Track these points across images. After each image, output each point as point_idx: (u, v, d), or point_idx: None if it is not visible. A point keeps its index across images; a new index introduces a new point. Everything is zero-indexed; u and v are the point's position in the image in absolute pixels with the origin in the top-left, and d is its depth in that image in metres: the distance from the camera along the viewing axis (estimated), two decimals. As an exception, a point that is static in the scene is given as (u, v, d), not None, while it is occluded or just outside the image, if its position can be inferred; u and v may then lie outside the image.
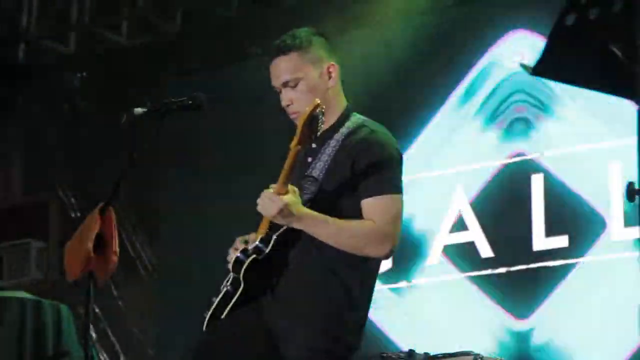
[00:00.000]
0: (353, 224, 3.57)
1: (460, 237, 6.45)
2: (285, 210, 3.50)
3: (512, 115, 6.43)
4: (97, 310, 7.39)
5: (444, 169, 6.58)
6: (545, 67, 2.40)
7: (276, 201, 3.49)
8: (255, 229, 3.67)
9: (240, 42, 7.46)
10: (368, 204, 3.58)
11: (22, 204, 8.46)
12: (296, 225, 3.55)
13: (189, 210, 7.52)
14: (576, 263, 6.06)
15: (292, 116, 3.70)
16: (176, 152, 7.62)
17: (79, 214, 8.07)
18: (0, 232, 8.27)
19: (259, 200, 3.55)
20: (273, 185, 3.56)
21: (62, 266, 4.30)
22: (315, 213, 3.55)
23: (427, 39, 6.71)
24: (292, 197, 3.52)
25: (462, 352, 5.20)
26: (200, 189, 7.46)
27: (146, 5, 7.53)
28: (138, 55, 7.73)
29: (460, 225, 6.46)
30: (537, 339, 6.12)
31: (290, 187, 3.55)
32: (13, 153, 8.55)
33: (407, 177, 3.73)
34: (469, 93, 6.58)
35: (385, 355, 5.35)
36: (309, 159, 3.67)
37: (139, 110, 3.95)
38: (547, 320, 6.10)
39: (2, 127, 8.33)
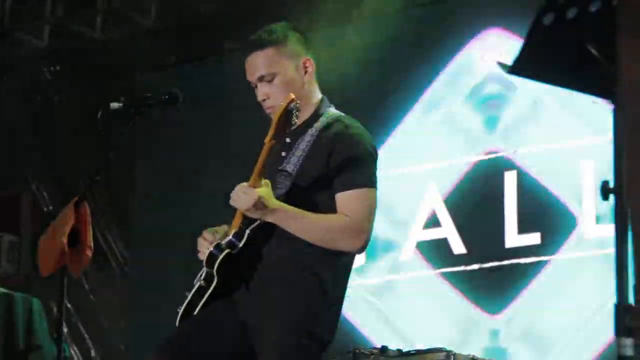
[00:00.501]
0: (326, 217, 3.58)
1: (434, 234, 6.48)
2: (258, 203, 3.49)
3: (486, 113, 6.46)
4: (68, 304, 7.37)
5: (417, 166, 6.59)
6: (522, 66, 2.42)
7: (250, 193, 3.49)
8: (228, 223, 3.67)
9: (215, 37, 7.46)
10: (342, 198, 3.59)
11: (-6, 196, 8.42)
12: (269, 219, 3.55)
13: (162, 203, 7.51)
14: (548, 260, 6.10)
15: (267, 111, 3.70)
16: (149, 146, 7.60)
17: (51, 208, 8.04)
18: (-28, 225, 8.23)
19: (232, 194, 3.55)
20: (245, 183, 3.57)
21: (36, 260, 4.29)
22: (289, 206, 3.55)
23: (401, 37, 6.72)
24: (265, 189, 3.52)
25: (435, 348, 5.22)
26: (173, 183, 7.46)
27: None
28: (113, 49, 7.70)
29: (433, 221, 6.49)
30: (509, 336, 6.16)
31: (264, 181, 3.55)
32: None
33: (381, 173, 3.74)
34: (443, 91, 6.60)
35: (358, 351, 5.37)
36: (283, 154, 3.68)
37: (114, 104, 3.95)
38: (519, 317, 6.13)
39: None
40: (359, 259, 3.71)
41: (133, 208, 7.81)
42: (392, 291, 6.59)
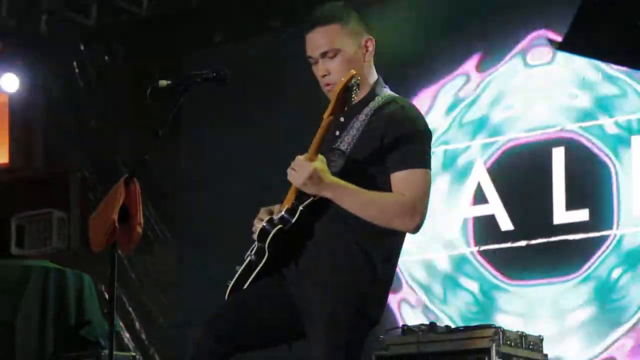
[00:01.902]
0: (382, 195, 3.57)
1: (481, 210, 6.47)
2: (314, 177, 3.49)
3: (532, 88, 6.42)
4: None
5: (465, 142, 6.58)
6: (572, 43, 2.41)
7: (305, 166, 3.50)
8: (275, 202, 3.68)
9: (261, 15, 7.46)
10: (398, 178, 3.58)
11: (43, 174, 8.50)
12: (325, 194, 3.54)
13: (205, 182, 7.54)
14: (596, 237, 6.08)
15: (326, 88, 3.70)
16: (197, 124, 7.63)
17: (98, 185, 8.11)
18: (22, 202, 8.32)
19: (289, 169, 3.55)
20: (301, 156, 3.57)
21: (87, 237, 4.34)
22: (345, 182, 3.55)
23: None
24: (321, 164, 3.53)
25: (483, 324, 5.24)
26: (219, 161, 7.48)
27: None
28: (160, 26, 7.74)
29: (480, 198, 6.47)
30: (556, 313, 6.14)
31: (320, 156, 3.56)
32: (34, 124, 8.59)
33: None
34: (491, 67, 6.58)
35: (406, 327, 5.40)
36: (337, 132, 3.66)
37: (163, 82, 3.96)
38: (568, 295, 6.12)
39: (24, 98, 8.36)
40: (408, 237, 3.69)
41: (177, 186, 7.85)
42: (437, 268, 6.59)
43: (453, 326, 5.51)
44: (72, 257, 7.83)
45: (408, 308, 6.58)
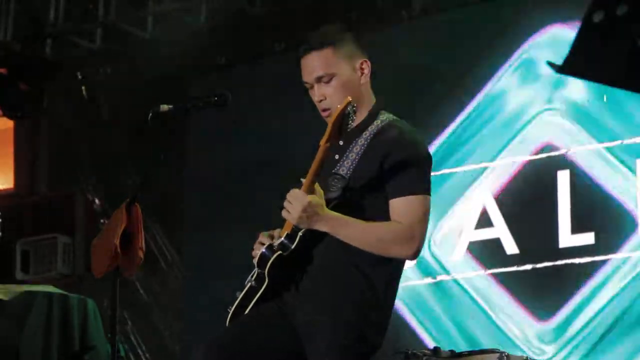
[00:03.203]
0: (377, 226, 3.56)
1: (486, 234, 6.44)
2: (309, 210, 3.49)
3: (538, 110, 6.41)
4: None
5: (469, 165, 6.56)
6: (572, 66, 2.38)
7: (301, 199, 3.49)
8: (280, 225, 3.67)
9: (264, 38, 7.47)
10: (396, 204, 3.57)
11: (48, 198, 8.50)
12: (320, 227, 3.53)
13: (212, 204, 7.54)
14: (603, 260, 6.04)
15: (323, 113, 3.69)
16: (200, 147, 7.64)
17: (104, 209, 8.11)
18: (27, 226, 8.31)
19: (285, 202, 3.54)
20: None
21: (89, 262, 4.33)
22: (339, 215, 3.54)
23: (456, 36, 6.69)
24: (317, 198, 3.52)
25: (488, 349, 5.19)
26: (224, 184, 7.48)
27: (172, 0, 7.55)
28: (163, 50, 7.75)
29: (485, 221, 6.45)
30: (562, 337, 6.11)
31: (317, 188, 3.54)
32: (39, 147, 8.59)
33: (433, 172, 3.71)
34: (496, 88, 6.57)
35: (410, 352, 5.36)
36: (337, 157, 3.66)
37: (164, 106, 3.97)
38: (572, 318, 6.08)
39: (28, 121, 8.37)
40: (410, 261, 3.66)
41: (184, 208, 7.84)
42: (444, 292, 6.56)
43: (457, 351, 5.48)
44: (77, 282, 7.82)
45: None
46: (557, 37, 6.28)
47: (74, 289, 6.72)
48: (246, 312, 3.65)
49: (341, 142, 3.65)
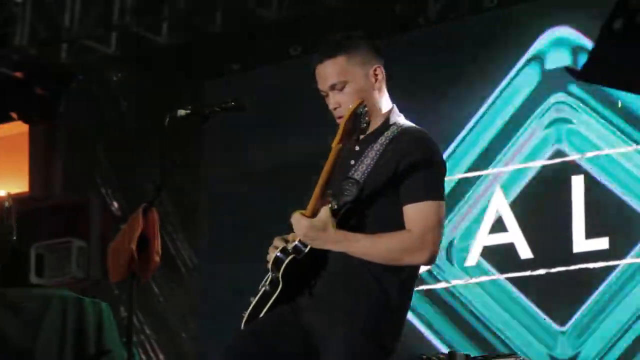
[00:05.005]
0: (386, 238, 3.56)
1: (500, 239, 6.44)
2: (310, 234, 3.52)
3: (552, 116, 6.41)
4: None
5: (483, 170, 6.56)
6: (591, 72, 2.40)
7: (300, 226, 3.53)
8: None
9: (280, 43, 7.48)
10: (410, 211, 3.57)
11: (63, 202, 8.51)
12: (327, 247, 3.56)
13: (230, 208, 7.54)
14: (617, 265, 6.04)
15: (338, 120, 3.67)
16: (219, 151, 7.64)
17: (119, 213, 8.12)
18: (42, 230, 8.33)
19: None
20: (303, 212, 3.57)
21: (106, 267, 4.35)
22: (344, 232, 3.55)
23: (466, 40, 6.71)
24: (319, 218, 3.52)
25: (504, 354, 5.21)
26: (242, 188, 7.48)
27: (187, 5, 7.56)
28: (179, 55, 7.77)
29: (499, 226, 6.45)
30: (576, 341, 6.10)
31: (323, 209, 3.53)
32: (54, 152, 8.61)
33: (447, 177, 3.71)
34: (508, 93, 6.57)
35: (425, 357, 5.36)
36: (352, 162, 3.66)
37: (181, 111, 3.98)
38: (587, 323, 6.08)
39: (44, 126, 8.39)
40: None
41: (201, 212, 7.85)
42: (458, 296, 6.56)
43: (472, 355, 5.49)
44: (91, 286, 7.83)
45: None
46: (571, 41, 6.30)
47: (89, 293, 6.73)
48: (260, 316, 3.64)
49: (357, 148, 3.66)
